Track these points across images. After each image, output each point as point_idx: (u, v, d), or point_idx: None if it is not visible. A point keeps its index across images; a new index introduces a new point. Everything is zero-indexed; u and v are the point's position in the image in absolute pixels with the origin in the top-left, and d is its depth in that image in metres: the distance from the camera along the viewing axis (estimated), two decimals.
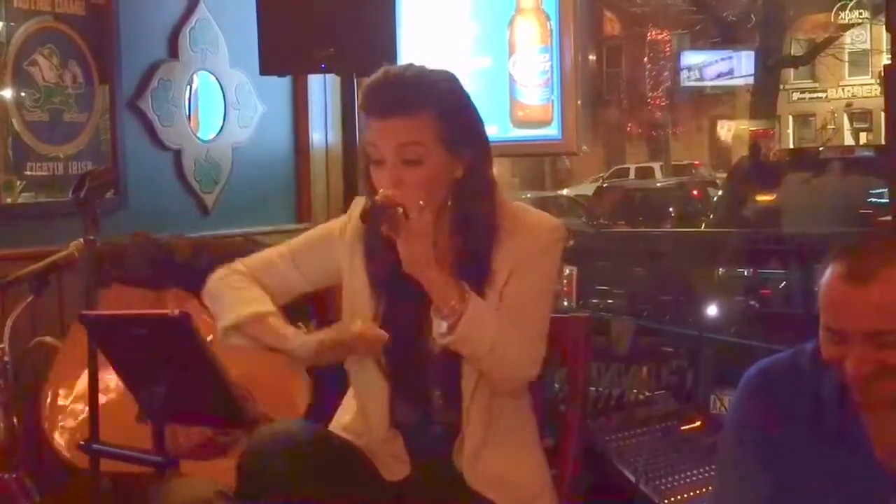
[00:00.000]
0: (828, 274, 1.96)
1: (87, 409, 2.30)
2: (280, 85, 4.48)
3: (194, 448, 2.73)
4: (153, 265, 2.95)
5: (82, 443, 2.22)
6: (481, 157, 2.30)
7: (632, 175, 27.12)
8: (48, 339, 3.07)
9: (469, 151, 2.28)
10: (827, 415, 2.04)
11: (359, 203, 2.39)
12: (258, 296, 2.36)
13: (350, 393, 2.43)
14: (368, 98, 2.25)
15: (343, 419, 2.41)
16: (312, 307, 2.75)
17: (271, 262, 2.44)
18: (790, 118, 33.67)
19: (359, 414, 2.36)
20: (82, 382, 2.75)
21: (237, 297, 2.35)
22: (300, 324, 2.40)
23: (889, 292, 1.90)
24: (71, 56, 3.77)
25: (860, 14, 26.26)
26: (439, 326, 2.18)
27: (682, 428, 3.69)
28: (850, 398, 2.01)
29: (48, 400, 2.91)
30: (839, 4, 26.00)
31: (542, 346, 2.29)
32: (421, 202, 2.16)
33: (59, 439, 2.85)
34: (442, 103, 2.24)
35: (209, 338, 2.22)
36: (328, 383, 2.65)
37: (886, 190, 5.19)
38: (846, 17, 26.48)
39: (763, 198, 9.17)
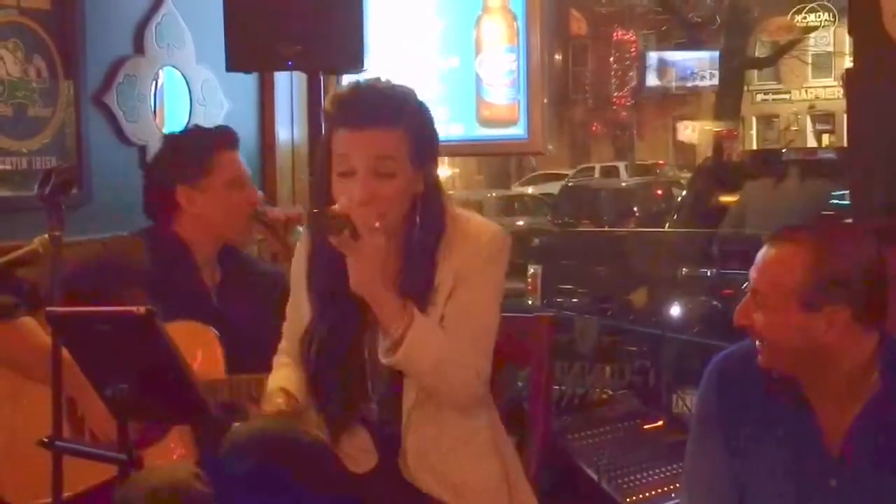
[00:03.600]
0: None
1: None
2: (246, 82, 4.46)
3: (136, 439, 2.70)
4: (16, 293, 2.84)
5: (45, 439, 2.20)
6: (435, 169, 2.33)
7: (597, 174, 27.22)
8: None
9: (430, 166, 2.30)
10: (780, 401, 2.12)
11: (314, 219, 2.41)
12: (273, 379, 2.41)
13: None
14: (342, 108, 2.24)
15: (309, 414, 2.41)
16: None
17: (286, 329, 2.48)
18: (754, 119, 33.91)
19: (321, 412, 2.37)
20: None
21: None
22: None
23: (776, 262, 2.03)
24: (35, 50, 3.74)
25: (817, 17, 26.47)
26: (385, 347, 2.20)
27: (645, 427, 3.73)
28: (802, 386, 2.08)
29: None
30: (796, 7, 26.21)
31: (488, 362, 2.29)
32: (377, 224, 2.15)
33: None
34: (413, 119, 2.26)
35: None
36: None
37: (848, 192, 5.24)
38: (803, 19, 26.70)
39: (726, 198, 9.23)
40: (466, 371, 2.25)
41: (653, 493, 3.37)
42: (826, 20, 26.54)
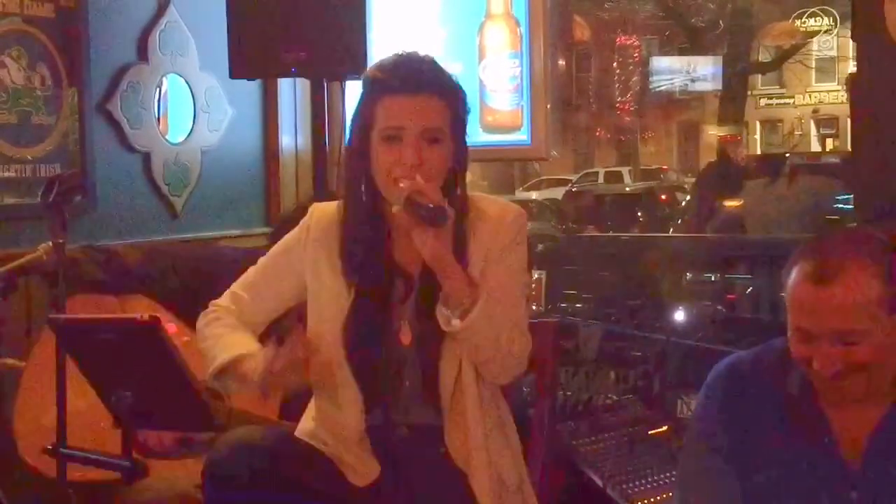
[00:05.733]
0: (794, 274, 2.01)
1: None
2: (250, 88, 4.47)
3: (171, 444, 2.71)
4: (107, 271, 2.92)
5: (49, 447, 2.20)
6: (465, 146, 2.35)
7: (601, 179, 27.21)
8: (8, 360, 3.02)
9: (463, 142, 2.33)
10: (793, 410, 2.07)
11: (316, 209, 2.42)
12: (235, 340, 2.34)
13: (313, 400, 2.42)
14: (395, 74, 2.27)
15: (307, 427, 2.39)
16: None
17: (238, 296, 2.43)
18: (758, 124, 33.89)
19: (324, 421, 2.35)
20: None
21: (217, 345, 2.33)
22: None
23: (853, 292, 1.95)
24: (40, 58, 3.75)
25: (816, 21, 26.53)
26: (448, 315, 2.20)
27: (649, 432, 3.72)
28: (816, 394, 2.05)
29: (19, 411, 2.83)
30: (797, 12, 26.26)
31: (530, 338, 2.33)
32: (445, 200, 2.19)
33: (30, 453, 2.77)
34: (455, 91, 2.32)
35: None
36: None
37: (852, 196, 5.24)
38: (805, 24, 26.74)
39: (730, 203, 9.22)
40: (519, 343, 2.28)
41: (658, 498, 3.36)
42: (827, 25, 26.58)
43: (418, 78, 2.26)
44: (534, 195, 25.00)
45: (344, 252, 2.33)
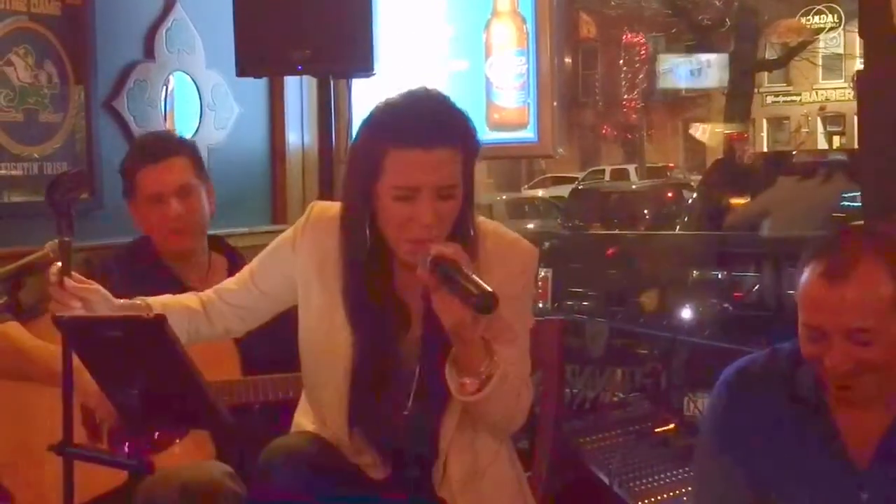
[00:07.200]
0: (807, 272, 1.99)
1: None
2: (256, 86, 4.47)
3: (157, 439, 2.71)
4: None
5: (55, 444, 2.20)
6: (473, 183, 2.22)
7: (607, 177, 27.22)
8: None
9: (472, 181, 2.20)
10: (802, 413, 2.07)
11: (316, 206, 2.33)
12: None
13: (305, 399, 2.38)
14: (405, 123, 2.10)
15: (308, 427, 2.35)
16: None
17: (229, 289, 2.39)
18: (764, 121, 33.86)
19: (323, 430, 2.31)
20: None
21: None
22: None
23: (866, 290, 1.94)
24: (46, 56, 3.76)
25: (823, 18, 26.54)
26: (460, 382, 2.10)
27: (656, 430, 3.72)
28: (825, 396, 2.04)
29: None
30: (804, 9, 26.28)
31: (532, 387, 2.26)
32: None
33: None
34: (469, 136, 2.17)
35: None
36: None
37: (859, 193, 5.23)
38: (811, 21, 26.76)
39: (737, 201, 9.22)
40: (526, 397, 2.22)
41: (664, 496, 3.36)
42: (833, 22, 26.59)
43: (433, 129, 2.09)
44: (539, 193, 25.00)
45: (347, 293, 2.22)
